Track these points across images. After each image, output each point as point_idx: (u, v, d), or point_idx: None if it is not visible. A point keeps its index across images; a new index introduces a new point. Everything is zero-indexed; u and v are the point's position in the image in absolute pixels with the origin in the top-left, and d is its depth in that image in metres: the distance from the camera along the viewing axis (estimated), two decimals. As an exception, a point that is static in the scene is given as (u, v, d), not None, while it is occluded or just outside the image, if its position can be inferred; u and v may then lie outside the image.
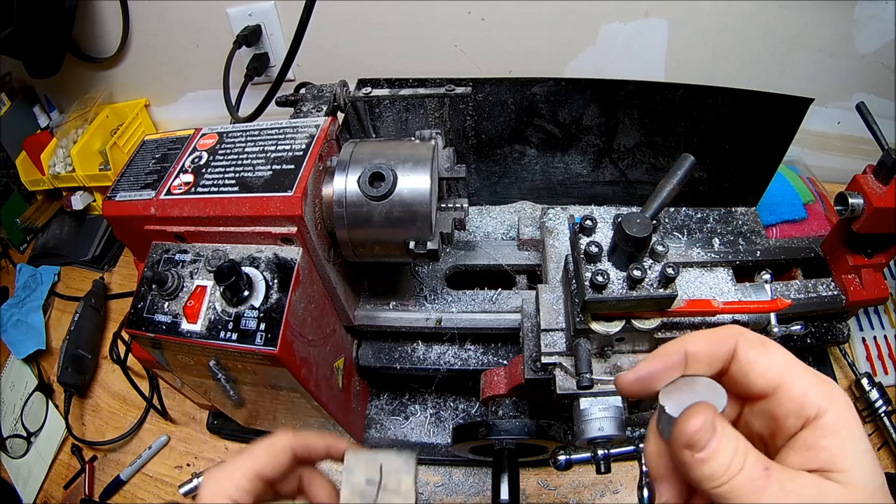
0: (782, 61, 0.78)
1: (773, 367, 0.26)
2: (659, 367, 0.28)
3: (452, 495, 0.64)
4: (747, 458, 0.25)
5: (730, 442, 0.26)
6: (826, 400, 0.25)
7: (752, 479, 0.25)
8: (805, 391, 0.26)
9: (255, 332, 0.45)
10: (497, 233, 0.69)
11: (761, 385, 0.27)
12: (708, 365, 0.28)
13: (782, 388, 0.26)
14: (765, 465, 0.25)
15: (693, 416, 0.26)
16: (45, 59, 0.87)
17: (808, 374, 0.26)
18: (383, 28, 0.84)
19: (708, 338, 0.28)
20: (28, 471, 0.76)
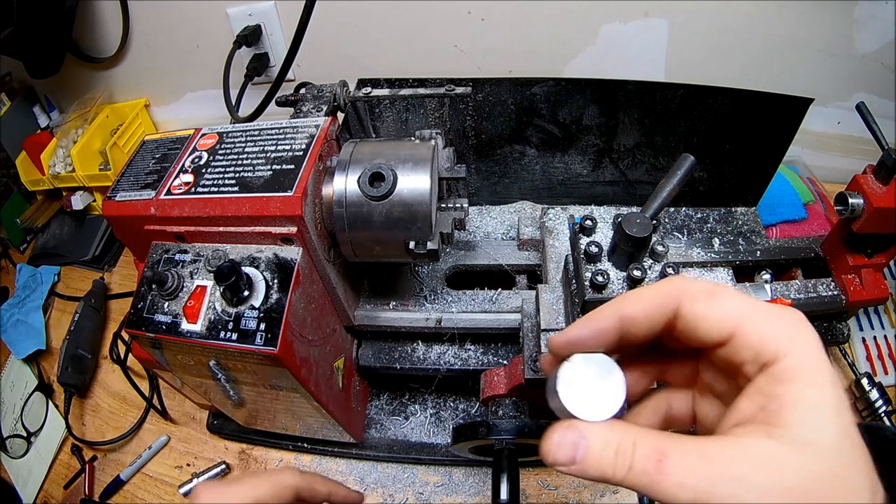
0: (782, 61, 0.78)
1: (725, 316, 0.24)
2: (587, 333, 0.26)
3: (452, 495, 0.64)
4: (636, 452, 0.23)
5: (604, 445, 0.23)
6: (786, 343, 0.23)
7: (645, 474, 0.22)
8: (762, 336, 0.23)
9: (255, 332, 0.45)
10: (497, 233, 0.69)
11: (715, 336, 0.24)
12: (648, 328, 0.25)
13: (737, 335, 0.24)
14: (658, 455, 0.22)
15: (547, 437, 0.24)
16: (45, 59, 0.87)
17: (768, 316, 0.24)
18: (383, 28, 0.84)
19: (645, 298, 0.25)
20: (28, 471, 0.76)
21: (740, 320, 0.23)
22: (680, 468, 0.22)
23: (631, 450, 0.23)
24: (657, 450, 0.22)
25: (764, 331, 0.23)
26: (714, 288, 0.25)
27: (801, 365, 0.22)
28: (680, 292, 0.25)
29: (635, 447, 0.23)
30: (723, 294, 0.24)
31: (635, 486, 0.23)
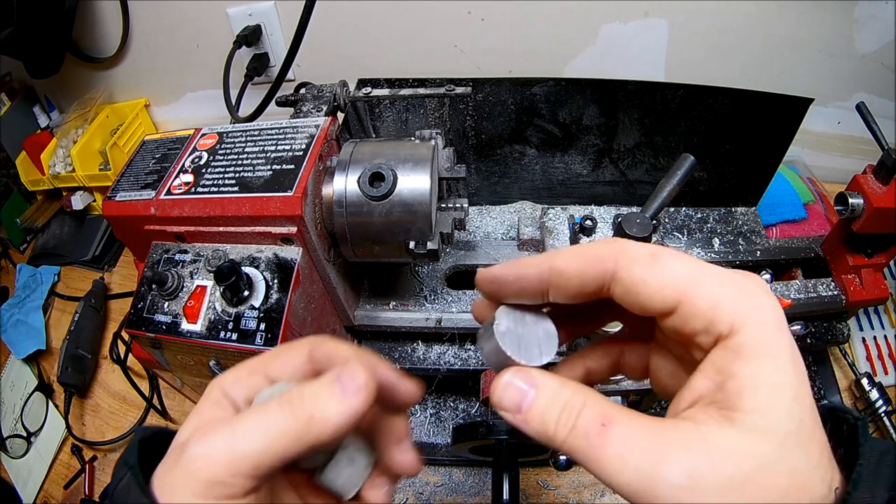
0: (782, 61, 0.78)
1: (668, 281, 0.21)
2: (510, 275, 0.24)
3: (452, 495, 0.64)
4: (581, 414, 0.21)
5: (552, 399, 0.22)
6: (742, 313, 0.20)
7: (585, 437, 0.21)
8: (715, 304, 0.21)
9: (255, 332, 0.45)
10: (497, 233, 0.69)
11: (658, 305, 0.22)
12: (578, 286, 0.23)
13: (685, 303, 0.21)
14: (602, 420, 0.21)
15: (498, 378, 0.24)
16: (45, 59, 0.87)
17: (721, 281, 0.21)
18: (383, 28, 0.84)
19: (580, 254, 0.23)
20: (28, 471, 0.76)
21: (688, 286, 0.21)
22: (624, 439, 0.20)
23: (578, 409, 0.22)
24: (604, 414, 0.21)
25: (716, 298, 0.21)
26: (658, 251, 0.22)
27: (759, 339, 0.20)
28: (618, 254, 0.22)
29: (584, 407, 0.22)
30: (667, 257, 0.22)
31: (573, 450, 0.21)
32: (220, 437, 0.23)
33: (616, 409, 0.21)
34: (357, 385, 0.23)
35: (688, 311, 0.21)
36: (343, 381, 0.24)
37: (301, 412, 0.23)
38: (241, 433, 0.23)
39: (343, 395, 0.23)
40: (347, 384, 0.23)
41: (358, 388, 0.23)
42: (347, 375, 0.24)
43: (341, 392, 0.23)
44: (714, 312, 0.21)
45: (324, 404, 0.23)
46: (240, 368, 0.28)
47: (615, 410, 0.21)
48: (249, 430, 0.23)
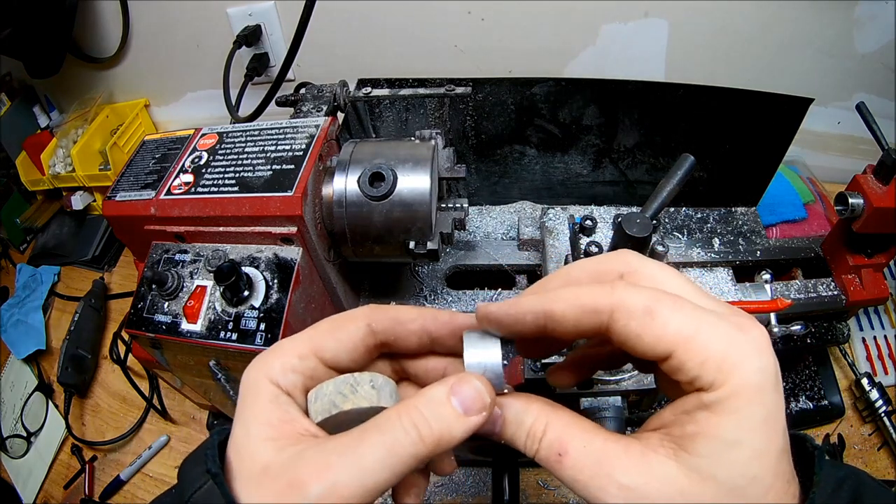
0: (782, 61, 0.78)
1: (661, 339, 0.22)
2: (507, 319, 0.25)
3: (452, 495, 0.64)
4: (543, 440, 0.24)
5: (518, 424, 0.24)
6: (725, 373, 0.21)
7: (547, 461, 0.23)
8: (702, 363, 0.21)
9: (255, 332, 0.45)
10: (497, 233, 0.69)
11: (651, 356, 0.22)
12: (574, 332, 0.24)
13: (674, 359, 0.22)
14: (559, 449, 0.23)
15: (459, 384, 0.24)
16: (45, 59, 0.87)
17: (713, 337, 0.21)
18: (383, 28, 0.84)
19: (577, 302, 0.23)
20: (28, 471, 0.76)
21: (679, 344, 0.22)
22: (578, 465, 0.22)
23: (539, 435, 0.24)
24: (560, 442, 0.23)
25: (705, 357, 0.21)
26: (655, 304, 0.22)
27: (734, 398, 0.21)
28: (615, 307, 0.22)
29: (544, 433, 0.24)
30: (665, 311, 0.22)
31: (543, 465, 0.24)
32: (344, 473, 0.22)
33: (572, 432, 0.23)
34: (482, 404, 0.24)
35: (675, 366, 0.22)
36: (463, 398, 0.24)
37: (429, 436, 0.23)
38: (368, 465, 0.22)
39: (467, 416, 0.24)
40: (469, 403, 0.24)
41: (482, 407, 0.24)
42: (469, 392, 0.24)
43: (465, 413, 0.24)
44: (699, 370, 0.21)
45: (449, 426, 0.23)
46: (286, 352, 0.26)
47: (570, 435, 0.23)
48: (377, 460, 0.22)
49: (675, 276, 0.25)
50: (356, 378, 0.25)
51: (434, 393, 0.24)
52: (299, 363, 0.25)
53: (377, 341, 0.27)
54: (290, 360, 0.25)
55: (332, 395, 0.25)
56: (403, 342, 0.27)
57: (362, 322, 0.26)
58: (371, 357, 0.27)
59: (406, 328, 0.27)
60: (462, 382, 0.24)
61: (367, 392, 0.25)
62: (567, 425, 0.24)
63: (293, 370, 0.25)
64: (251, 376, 0.25)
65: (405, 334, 0.27)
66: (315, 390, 0.25)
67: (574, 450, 0.23)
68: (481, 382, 0.24)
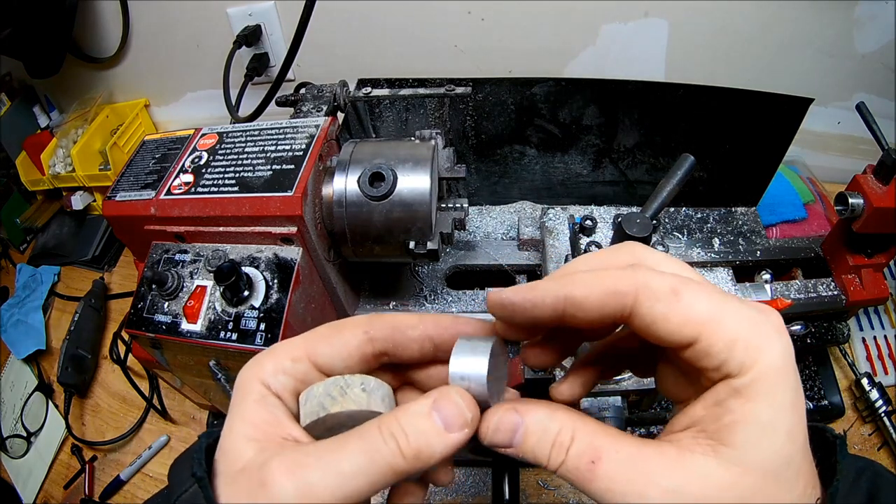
0: (782, 61, 0.78)
1: (688, 320, 0.21)
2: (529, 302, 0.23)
3: (452, 495, 0.64)
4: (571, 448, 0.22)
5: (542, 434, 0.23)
6: (752, 356, 0.21)
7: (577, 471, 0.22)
8: (729, 346, 0.21)
9: (255, 332, 0.45)
10: (497, 233, 0.69)
11: (676, 340, 0.22)
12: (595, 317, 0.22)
13: (701, 342, 0.21)
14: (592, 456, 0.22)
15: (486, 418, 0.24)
16: (45, 59, 0.87)
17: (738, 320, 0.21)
18: (383, 28, 0.84)
19: (598, 284, 0.22)
20: (28, 471, 0.76)
21: (706, 326, 0.21)
22: (613, 473, 0.21)
23: (567, 444, 0.22)
24: (593, 449, 0.22)
25: (732, 339, 0.21)
26: (680, 285, 0.22)
27: (763, 380, 0.21)
28: (639, 289, 0.22)
29: (572, 442, 0.22)
30: (689, 293, 0.21)
31: (566, 479, 0.22)
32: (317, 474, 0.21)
33: (603, 439, 0.22)
34: (463, 421, 0.23)
35: (703, 350, 0.21)
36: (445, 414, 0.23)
37: (408, 449, 0.22)
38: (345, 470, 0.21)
39: (448, 432, 0.23)
40: (451, 420, 0.23)
41: (463, 423, 0.23)
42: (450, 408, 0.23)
43: (446, 429, 0.23)
44: (728, 353, 0.21)
45: (429, 441, 0.22)
46: (278, 354, 0.25)
47: (602, 441, 0.22)
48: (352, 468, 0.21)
49: (684, 267, 0.24)
50: (346, 380, 0.25)
51: (416, 407, 0.23)
52: (291, 366, 0.25)
53: (376, 350, 0.26)
54: (283, 362, 0.25)
55: (321, 396, 0.24)
56: (404, 350, 0.26)
57: (360, 329, 0.26)
58: (369, 366, 0.27)
59: (406, 336, 0.26)
60: (443, 397, 0.23)
61: (356, 395, 0.24)
62: (595, 432, 0.22)
63: (284, 372, 0.25)
64: (243, 377, 0.25)
65: (405, 342, 0.26)
66: (305, 392, 0.25)
67: (608, 456, 0.21)
68: (462, 398, 0.23)
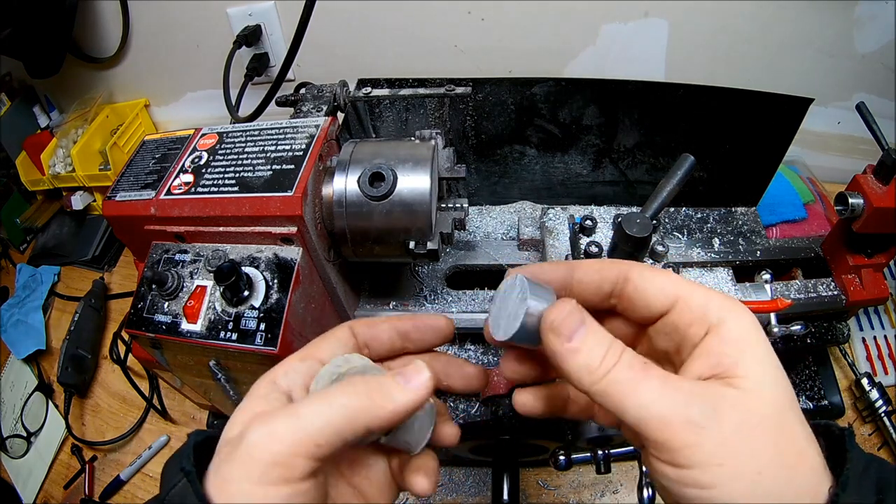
0: (782, 61, 0.78)
1: (668, 284, 0.26)
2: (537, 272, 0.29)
3: (452, 495, 0.64)
4: (624, 353, 0.25)
5: (601, 336, 0.25)
6: (727, 310, 0.25)
7: (630, 368, 0.24)
8: (705, 301, 0.25)
9: (255, 332, 0.45)
10: (497, 233, 0.69)
11: (661, 300, 0.26)
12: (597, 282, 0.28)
13: (681, 299, 0.26)
14: (644, 360, 0.25)
15: (559, 304, 0.26)
16: (45, 59, 0.87)
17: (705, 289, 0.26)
18: (383, 28, 0.84)
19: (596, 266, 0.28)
20: (28, 471, 0.76)
21: (682, 289, 0.26)
22: (662, 379, 0.23)
23: (620, 352, 0.25)
24: (642, 360, 0.25)
25: (705, 299, 0.25)
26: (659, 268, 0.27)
27: (743, 331, 0.24)
28: (629, 266, 0.28)
29: (624, 351, 0.25)
30: (666, 271, 0.27)
31: (606, 392, 0.24)
32: (281, 420, 0.24)
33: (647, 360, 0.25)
34: (420, 380, 0.26)
35: (684, 306, 0.26)
36: (407, 375, 0.26)
37: (365, 394, 0.25)
38: (303, 413, 0.24)
39: (406, 386, 0.26)
40: (412, 378, 0.26)
41: (421, 382, 0.26)
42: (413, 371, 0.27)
43: (405, 383, 0.26)
44: (706, 306, 0.25)
45: (389, 390, 0.26)
46: (289, 359, 0.29)
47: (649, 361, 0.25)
48: (311, 411, 0.24)
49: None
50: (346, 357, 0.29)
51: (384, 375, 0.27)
52: (300, 364, 0.29)
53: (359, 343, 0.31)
54: (292, 363, 0.29)
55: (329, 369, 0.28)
56: (377, 342, 0.32)
57: (347, 327, 0.31)
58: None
59: (377, 328, 0.31)
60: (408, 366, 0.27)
61: (357, 359, 0.29)
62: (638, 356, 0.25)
63: (294, 371, 0.28)
64: (256, 383, 0.28)
65: (377, 334, 0.32)
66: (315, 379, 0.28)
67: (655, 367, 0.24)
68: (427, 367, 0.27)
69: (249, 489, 0.22)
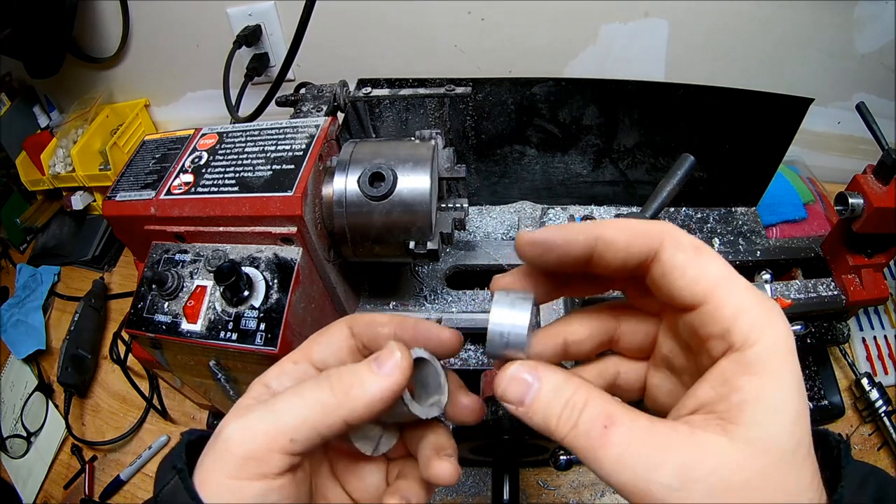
0: (782, 61, 0.78)
1: (703, 278, 0.22)
2: (558, 239, 0.24)
3: (452, 495, 0.64)
4: (584, 411, 0.22)
5: (555, 394, 0.23)
6: (759, 330, 0.21)
7: (587, 437, 0.21)
8: (736, 314, 0.21)
9: (255, 332, 0.45)
10: (497, 233, 0.69)
11: (687, 297, 0.22)
12: (623, 258, 0.23)
13: (710, 304, 0.21)
14: (605, 421, 0.21)
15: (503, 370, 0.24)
16: (45, 59, 0.87)
17: (746, 294, 0.21)
18: (383, 28, 0.84)
19: (628, 227, 0.23)
20: (28, 471, 0.76)
21: (717, 287, 0.22)
22: (625, 441, 0.21)
23: (581, 407, 0.22)
24: (607, 414, 0.21)
25: (740, 307, 0.21)
26: (701, 245, 0.22)
27: (770, 358, 0.20)
28: (665, 234, 0.23)
29: (585, 405, 0.22)
30: (708, 254, 0.22)
31: (574, 447, 0.22)
32: (256, 414, 0.23)
33: (618, 408, 0.22)
34: (393, 363, 0.25)
35: (710, 313, 0.21)
36: (380, 359, 0.25)
37: (338, 386, 0.24)
38: (277, 408, 0.23)
39: (379, 371, 0.24)
40: (384, 362, 0.25)
41: (394, 365, 0.24)
42: (385, 354, 0.25)
43: (378, 369, 0.24)
44: (734, 321, 0.21)
45: (361, 379, 0.24)
46: (283, 361, 0.28)
47: (617, 410, 0.22)
48: (285, 405, 0.23)
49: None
50: None
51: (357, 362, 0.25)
52: (292, 367, 0.28)
53: (358, 343, 0.29)
54: (284, 366, 0.28)
55: None
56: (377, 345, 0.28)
57: (344, 325, 0.29)
58: (355, 359, 0.29)
59: (378, 332, 0.28)
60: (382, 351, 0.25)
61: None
62: (609, 401, 0.22)
63: (286, 374, 0.27)
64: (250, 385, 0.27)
65: (378, 337, 0.28)
66: None
67: (621, 422, 0.21)
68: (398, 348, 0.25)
69: (226, 483, 0.22)
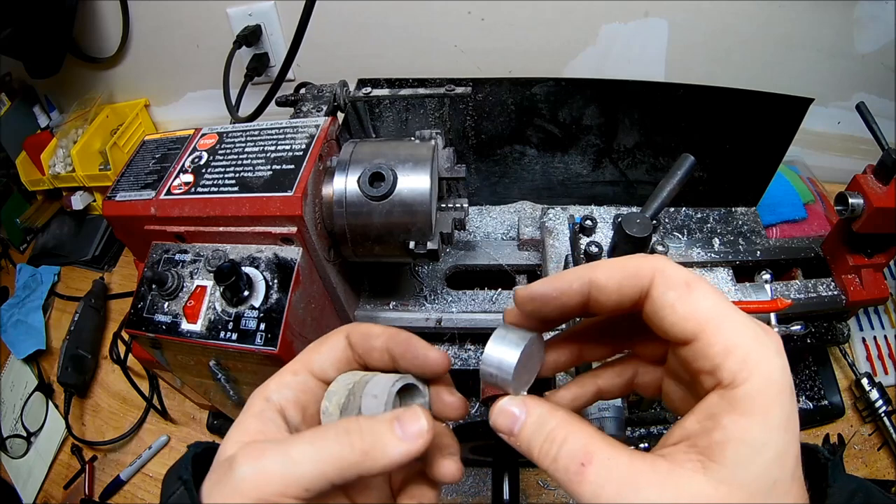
0: (782, 61, 0.78)
1: (693, 315, 0.22)
2: (551, 291, 0.25)
3: (452, 495, 0.64)
4: (563, 447, 0.23)
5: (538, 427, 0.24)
6: (749, 368, 0.21)
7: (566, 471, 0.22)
8: (726, 352, 0.21)
9: (255, 332, 0.45)
10: (497, 233, 0.69)
11: (678, 333, 0.22)
12: (616, 300, 0.24)
13: (701, 341, 0.22)
14: (584, 458, 0.22)
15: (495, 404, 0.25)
16: (45, 59, 0.87)
17: (739, 330, 0.21)
18: (383, 28, 0.84)
19: (619, 267, 0.24)
20: (28, 471, 0.76)
21: (707, 325, 0.22)
22: (601, 478, 0.21)
23: (560, 442, 0.23)
24: (585, 452, 0.22)
25: (730, 345, 0.21)
26: (693, 280, 0.23)
27: (757, 396, 0.21)
28: (655, 273, 0.23)
29: (565, 441, 0.23)
30: (700, 289, 0.22)
31: (555, 479, 0.23)
32: (272, 459, 0.23)
33: (597, 443, 0.22)
34: (419, 430, 0.24)
35: (700, 350, 0.22)
36: (405, 424, 0.24)
37: (359, 444, 0.23)
38: (295, 456, 0.23)
39: (403, 438, 0.24)
40: (409, 429, 0.24)
41: (419, 433, 0.24)
42: (410, 419, 0.25)
43: (402, 435, 0.24)
44: (723, 358, 0.21)
45: (383, 442, 0.24)
46: (282, 373, 0.28)
47: (596, 447, 0.22)
48: (303, 455, 0.23)
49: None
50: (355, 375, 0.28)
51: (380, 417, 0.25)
52: (292, 379, 0.28)
53: (355, 354, 0.29)
54: (284, 378, 0.28)
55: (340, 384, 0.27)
56: (370, 357, 0.28)
57: (342, 335, 0.29)
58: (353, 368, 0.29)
59: (371, 344, 0.28)
60: (408, 412, 0.25)
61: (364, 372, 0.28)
62: (591, 437, 0.23)
63: (286, 386, 0.27)
64: (250, 398, 0.27)
65: (371, 350, 0.28)
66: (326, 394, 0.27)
67: (598, 461, 0.22)
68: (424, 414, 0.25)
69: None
